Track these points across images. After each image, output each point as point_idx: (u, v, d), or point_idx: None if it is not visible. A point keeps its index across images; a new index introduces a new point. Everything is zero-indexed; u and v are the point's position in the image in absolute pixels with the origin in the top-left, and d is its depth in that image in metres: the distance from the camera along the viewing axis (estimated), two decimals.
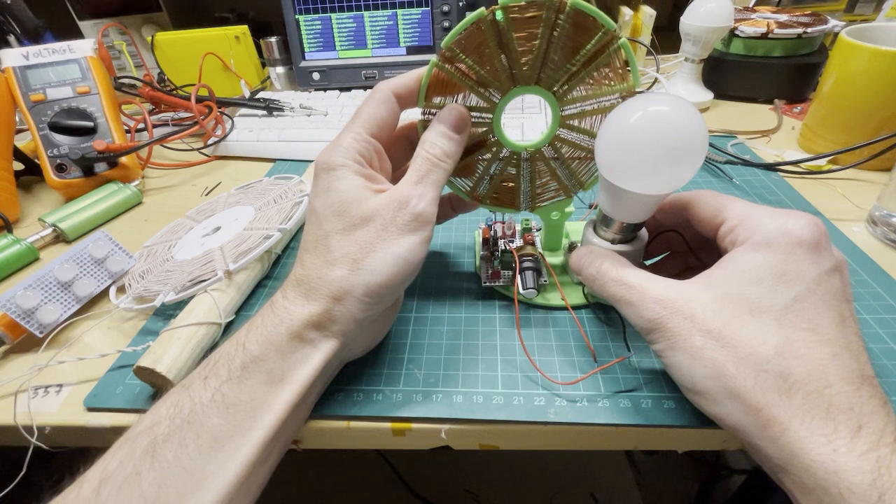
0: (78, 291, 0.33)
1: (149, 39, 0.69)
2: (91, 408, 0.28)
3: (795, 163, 0.43)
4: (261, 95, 0.63)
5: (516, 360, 0.28)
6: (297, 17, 0.65)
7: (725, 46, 0.59)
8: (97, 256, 0.34)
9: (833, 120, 0.45)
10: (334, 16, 0.64)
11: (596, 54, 0.24)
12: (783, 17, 0.58)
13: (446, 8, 0.62)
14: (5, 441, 0.28)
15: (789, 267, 0.20)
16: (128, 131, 0.55)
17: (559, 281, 0.32)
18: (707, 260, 0.26)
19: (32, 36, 0.65)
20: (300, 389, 0.22)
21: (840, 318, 0.20)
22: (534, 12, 0.23)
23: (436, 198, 0.25)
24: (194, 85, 0.58)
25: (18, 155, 0.51)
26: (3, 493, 0.26)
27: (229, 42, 0.67)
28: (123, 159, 0.48)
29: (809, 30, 0.54)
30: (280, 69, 0.73)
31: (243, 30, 0.67)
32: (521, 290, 0.30)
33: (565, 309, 0.31)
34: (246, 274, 0.33)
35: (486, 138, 0.28)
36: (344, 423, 0.26)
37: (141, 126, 0.58)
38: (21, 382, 0.29)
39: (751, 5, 0.67)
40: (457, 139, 0.26)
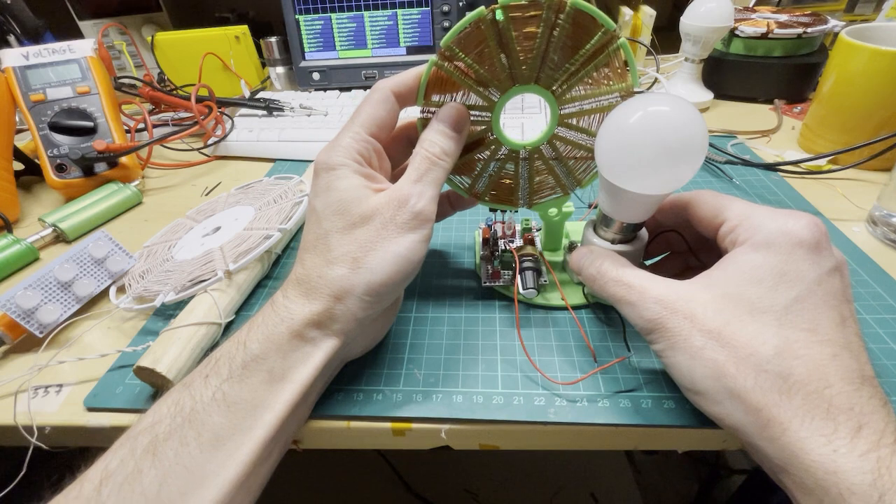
0: (78, 291, 0.33)
1: (149, 39, 0.69)
2: (91, 408, 0.28)
3: (795, 163, 0.43)
4: (261, 95, 0.63)
5: (516, 360, 0.28)
6: (297, 17, 0.65)
7: (725, 46, 0.59)
8: (97, 256, 0.34)
9: (833, 120, 0.45)
10: (334, 16, 0.64)
11: (595, 54, 0.24)
12: (783, 17, 0.58)
13: (446, 8, 0.62)
14: (5, 441, 0.28)
15: (789, 267, 0.20)
16: (128, 131, 0.55)
17: (559, 281, 0.32)
18: (707, 260, 0.26)
19: (32, 36, 0.65)
20: (301, 388, 0.22)
21: (840, 319, 0.20)
22: (534, 12, 0.23)
23: (435, 196, 0.25)
24: (194, 85, 0.58)
25: (18, 155, 0.51)
26: (3, 493, 0.26)
27: (229, 42, 0.67)
28: (123, 159, 0.48)
29: (809, 30, 0.54)
30: (280, 69, 0.73)
31: (243, 30, 0.67)
32: (521, 290, 0.30)
33: (565, 309, 0.31)
34: (246, 274, 0.33)
35: (485, 136, 0.28)
36: (344, 423, 0.26)
37: (141, 126, 0.58)
38: (21, 382, 0.29)
39: (751, 5, 0.67)
40: (456, 138, 0.26)
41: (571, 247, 0.31)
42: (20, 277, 0.39)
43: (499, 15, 0.23)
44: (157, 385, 0.27)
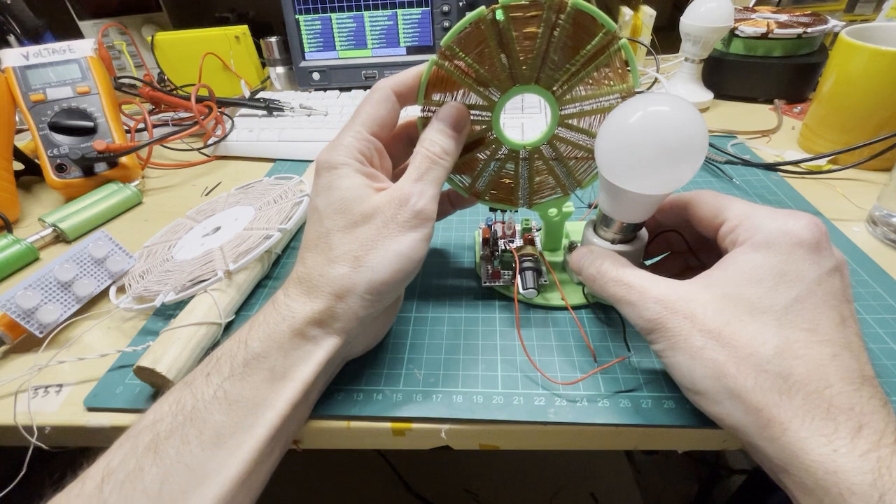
0: (78, 291, 0.33)
1: (149, 39, 0.69)
2: (91, 408, 0.28)
3: (795, 163, 0.43)
4: (261, 95, 0.63)
5: (516, 360, 0.28)
6: (297, 17, 0.65)
7: (725, 46, 0.59)
8: (97, 256, 0.34)
9: (833, 120, 0.45)
10: (334, 16, 0.64)
11: (596, 54, 0.24)
12: (783, 17, 0.58)
13: (446, 8, 0.62)
14: (5, 441, 0.28)
15: (790, 267, 0.20)
16: (128, 131, 0.55)
17: (559, 281, 0.32)
18: (707, 260, 0.26)
19: (32, 36, 0.65)
20: (302, 387, 0.23)
21: (840, 319, 0.20)
22: (534, 12, 0.23)
23: (436, 195, 0.25)
24: (194, 85, 0.58)
25: (18, 155, 0.51)
26: (4, 493, 0.26)
27: (229, 42, 0.67)
28: (123, 159, 0.48)
29: (809, 30, 0.54)
30: (280, 69, 0.73)
31: (243, 30, 0.67)
32: (521, 290, 0.30)
33: (565, 309, 0.31)
34: (246, 274, 0.33)
35: (485, 136, 0.28)
36: (344, 423, 0.26)
37: (141, 126, 0.58)
38: (21, 382, 0.29)
39: (751, 5, 0.67)
40: (456, 137, 0.26)
41: (571, 247, 0.31)
42: (20, 277, 0.39)
43: (499, 15, 0.23)
44: (157, 385, 0.27)
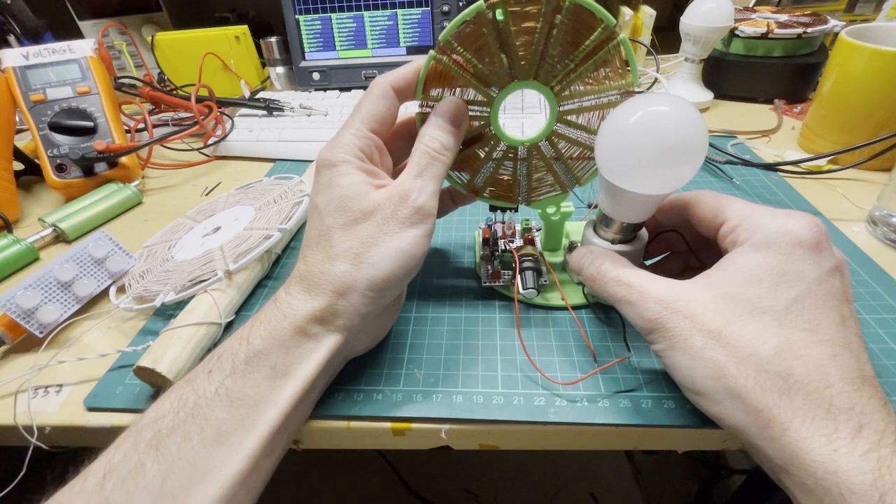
0: (78, 291, 0.33)
1: (149, 39, 0.69)
2: (91, 408, 0.28)
3: (795, 163, 0.43)
4: (261, 95, 0.63)
5: (516, 360, 0.28)
6: (297, 17, 0.65)
7: (725, 46, 0.59)
8: (97, 256, 0.34)
9: (833, 120, 0.45)
10: (334, 16, 0.64)
11: (595, 50, 0.24)
12: (783, 17, 0.58)
13: (446, 8, 0.62)
14: (5, 441, 0.28)
15: (790, 267, 0.20)
16: (128, 131, 0.55)
17: (559, 281, 0.32)
18: (707, 260, 0.26)
19: (32, 36, 0.65)
20: (304, 384, 0.23)
21: (840, 319, 0.20)
22: (533, 7, 0.23)
23: (436, 191, 0.25)
24: (194, 85, 0.58)
25: (18, 155, 0.51)
26: (4, 493, 0.26)
27: (229, 42, 0.67)
28: (123, 159, 0.48)
29: (809, 30, 0.54)
30: (280, 69, 0.73)
31: (243, 30, 0.67)
32: (521, 290, 0.30)
33: (565, 309, 0.31)
34: (246, 274, 0.33)
35: (484, 132, 0.28)
36: (344, 423, 0.26)
37: (141, 126, 0.58)
38: (21, 382, 0.29)
39: (751, 5, 0.67)
40: (455, 132, 0.26)
41: (571, 247, 0.31)
42: (20, 277, 0.39)
43: (498, 10, 0.23)
44: (157, 385, 0.27)
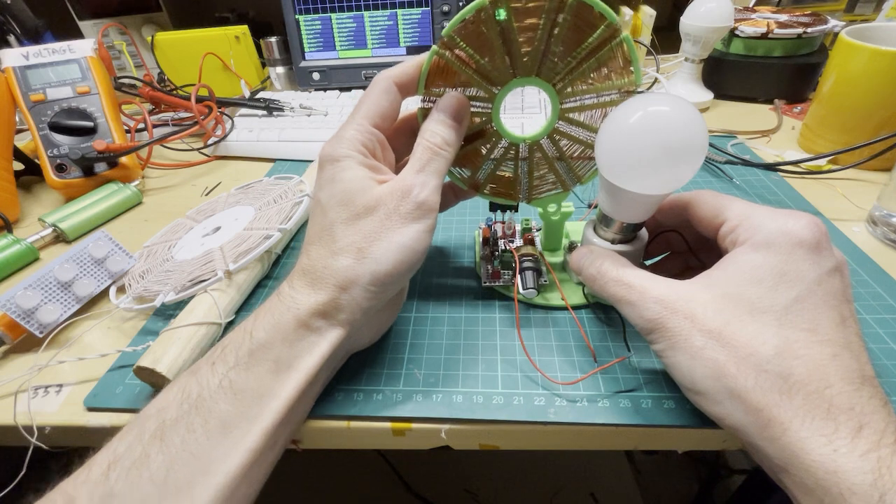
0: (78, 291, 0.33)
1: (149, 39, 0.69)
2: (91, 408, 0.28)
3: (795, 163, 0.43)
4: (261, 95, 0.63)
5: (516, 360, 0.28)
6: (297, 17, 0.65)
7: (725, 46, 0.59)
8: (97, 256, 0.34)
9: (833, 120, 0.45)
10: (334, 16, 0.64)
11: (597, 48, 0.24)
12: (783, 17, 0.58)
13: (446, 8, 0.62)
14: (5, 441, 0.28)
15: (790, 267, 0.20)
16: (128, 131, 0.55)
17: (559, 281, 0.32)
18: (707, 260, 0.26)
19: (32, 36, 0.65)
20: (307, 377, 0.23)
21: (840, 319, 0.20)
22: (536, 3, 0.23)
23: (438, 186, 0.25)
24: (194, 85, 0.58)
25: (18, 155, 0.51)
26: (4, 493, 0.26)
27: (229, 42, 0.67)
28: (123, 159, 0.48)
29: (809, 30, 0.54)
30: (280, 69, 0.73)
31: (243, 30, 0.67)
32: (521, 290, 0.30)
33: (565, 309, 0.31)
34: (246, 274, 0.33)
35: (486, 128, 0.28)
36: (344, 423, 0.26)
37: (141, 126, 0.58)
38: (21, 382, 0.29)
39: (751, 5, 0.67)
40: (456, 127, 0.26)
41: (571, 247, 0.31)
42: (20, 277, 0.39)
43: (500, 7, 0.23)
44: (157, 385, 0.27)
